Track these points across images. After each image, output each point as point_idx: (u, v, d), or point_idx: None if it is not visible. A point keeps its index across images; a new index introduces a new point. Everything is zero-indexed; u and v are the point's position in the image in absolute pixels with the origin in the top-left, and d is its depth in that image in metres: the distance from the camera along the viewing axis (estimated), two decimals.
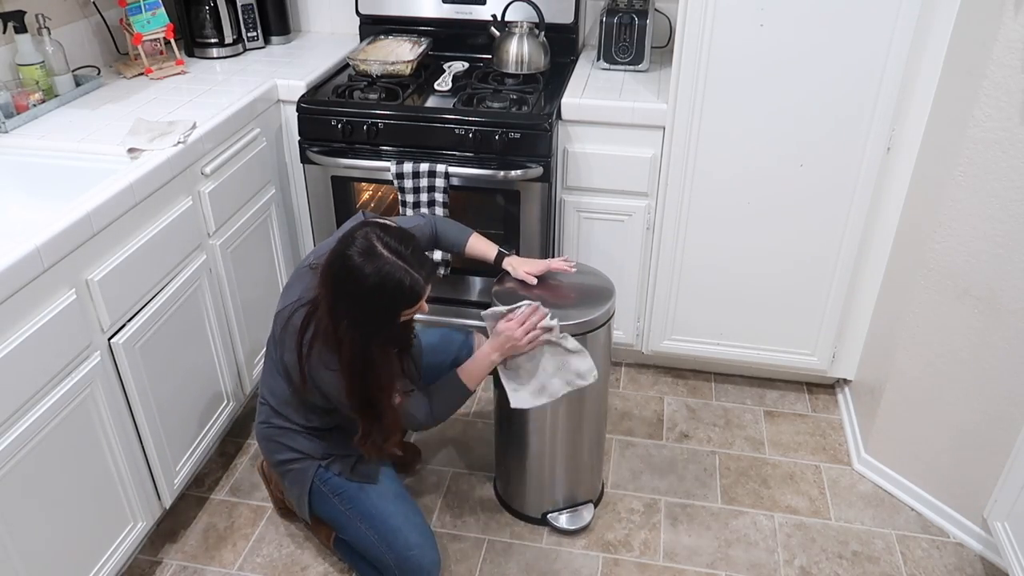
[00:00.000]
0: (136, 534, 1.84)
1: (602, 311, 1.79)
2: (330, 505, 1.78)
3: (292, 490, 1.84)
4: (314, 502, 1.80)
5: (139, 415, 1.79)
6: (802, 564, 1.98)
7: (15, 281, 1.41)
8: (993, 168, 1.74)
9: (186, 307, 1.92)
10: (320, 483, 1.78)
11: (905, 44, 1.90)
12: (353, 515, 1.76)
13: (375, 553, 1.75)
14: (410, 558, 1.72)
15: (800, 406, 2.50)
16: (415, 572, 1.73)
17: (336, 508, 1.78)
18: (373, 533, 1.74)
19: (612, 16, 2.30)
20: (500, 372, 1.77)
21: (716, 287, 2.35)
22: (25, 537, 1.51)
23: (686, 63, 2.04)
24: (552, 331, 1.70)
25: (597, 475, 2.11)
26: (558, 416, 1.92)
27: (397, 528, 1.73)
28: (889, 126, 2.01)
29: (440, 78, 2.39)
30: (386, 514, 1.74)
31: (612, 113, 2.18)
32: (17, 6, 2.01)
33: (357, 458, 1.78)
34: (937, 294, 1.93)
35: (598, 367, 1.78)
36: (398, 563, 1.72)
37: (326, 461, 1.78)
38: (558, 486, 2.04)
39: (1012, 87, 1.66)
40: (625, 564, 1.98)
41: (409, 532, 1.73)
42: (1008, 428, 1.84)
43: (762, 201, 2.18)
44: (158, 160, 1.78)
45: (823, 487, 2.20)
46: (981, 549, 2.00)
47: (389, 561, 1.73)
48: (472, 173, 2.20)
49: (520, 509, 2.09)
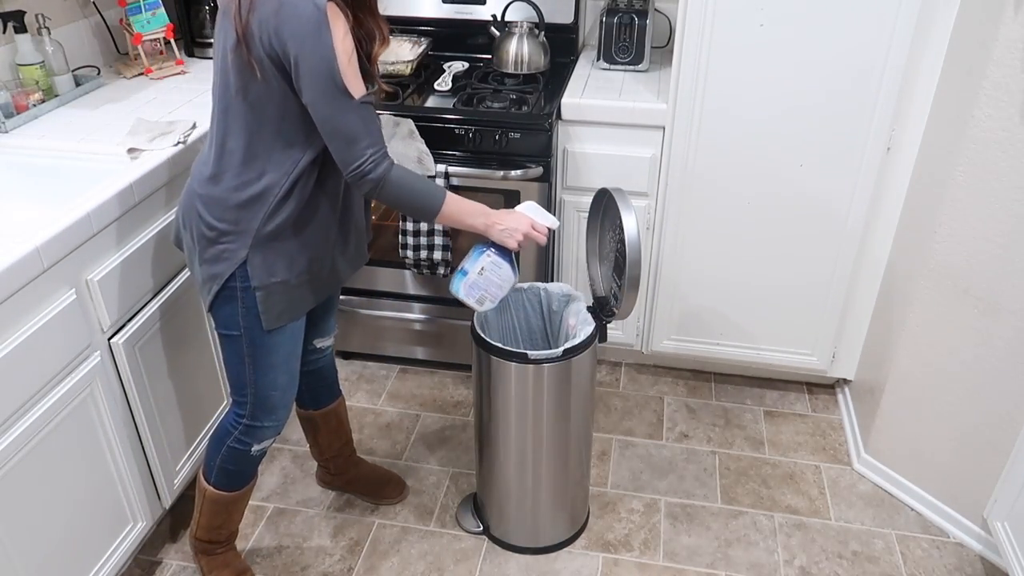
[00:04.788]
0: (136, 534, 1.84)
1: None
2: (232, 308, 1.58)
3: (207, 267, 1.58)
4: (220, 297, 1.58)
5: (139, 415, 1.79)
6: (802, 564, 1.98)
7: (15, 281, 1.41)
8: (993, 168, 1.74)
9: (186, 307, 1.92)
10: (241, 282, 1.55)
11: (905, 44, 1.90)
12: (246, 334, 1.60)
13: (240, 381, 1.66)
14: (270, 397, 1.67)
15: (800, 406, 2.50)
16: (268, 411, 1.69)
17: (235, 316, 1.59)
18: (251, 362, 1.63)
19: (612, 16, 2.30)
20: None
21: (716, 287, 2.35)
22: (25, 537, 1.51)
23: (686, 63, 2.04)
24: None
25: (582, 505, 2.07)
26: (541, 451, 1.88)
27: (274, 366, 1.65)
28: (889, 126, 2.01)
29: (440, 78, 2.40)
30: (273, 347, 1.63)
31: (612, 113, 2.18)
32: (17, 6, 2.01)
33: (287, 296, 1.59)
34: (937, 294, 1.93)
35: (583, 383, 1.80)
36: (255, 398, 1.67)
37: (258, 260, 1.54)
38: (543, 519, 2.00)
39: (1012, 87, 1.66)
40: (625, 564, 1.98)
41: (281, 374, 1.67)
42: (1008, 428, 1.84)
43: (762, 201, 2.18)
44: (158, 160, 1.78)
45: (823, 487, 2.20)
46: (981, 549, 2.00)
47: (248, 394, 1.67)
48: (472, 173, 2.20)
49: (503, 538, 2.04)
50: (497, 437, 1.88)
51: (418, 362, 2.66)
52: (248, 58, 1.37)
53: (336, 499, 2.16)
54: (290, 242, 1.54)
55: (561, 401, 1.81)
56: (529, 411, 1.81)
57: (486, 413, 1.87)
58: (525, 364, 1.74)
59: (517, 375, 1.76)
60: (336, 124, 1.40)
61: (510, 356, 1.74)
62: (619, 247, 1.75)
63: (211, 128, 1.52)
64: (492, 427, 1.87)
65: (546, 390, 1.78)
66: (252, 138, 1.46)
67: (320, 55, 1.34)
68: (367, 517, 2.11)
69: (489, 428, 1.89)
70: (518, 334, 1.97)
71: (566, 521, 2.02)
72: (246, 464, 1.77)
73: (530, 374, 1.75)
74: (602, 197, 1.83)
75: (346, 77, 1.37)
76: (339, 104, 1.38)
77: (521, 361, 1.73)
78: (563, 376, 1.77)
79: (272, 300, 1.56)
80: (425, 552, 2.01)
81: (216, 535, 1.86)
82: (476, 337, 1.79)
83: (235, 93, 1.43)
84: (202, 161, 1.55)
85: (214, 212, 1.50)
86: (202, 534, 1.85)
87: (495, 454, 1.91)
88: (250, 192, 1.48)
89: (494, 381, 1.80)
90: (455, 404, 2.50)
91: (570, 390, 1.81)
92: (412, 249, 2.30)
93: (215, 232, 1.51)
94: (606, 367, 2.66)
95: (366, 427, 2.41)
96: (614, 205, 1.72)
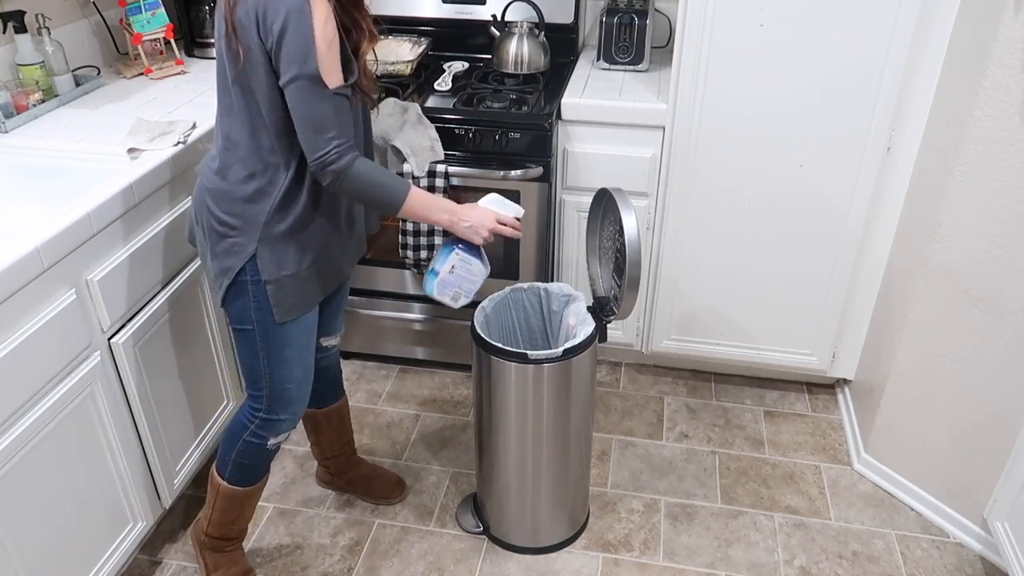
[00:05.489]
0: (136, 534, 1.84)
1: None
2: (244, 302, 1.58)
3: (219, 262, 1.58)
4: (231, 291, 1.58)
5: (139, 415, 1.79)
6: (802, 564, 1.98)
7: (15, 281, 1.41)
8: (993, 168, 1.74)
9: (187, 307, 1.92)
10: (251, 276, 1.55)
11: (905, 44, 1.91)
12: (259, 328, 1.60)
13: (255, 375, 1.67)
14: (287, 391, 1.68)
15: (800, 406, 2.50)
16: (285, 404, 1.69)
17: (248, 310, 1.59)
18: (265, 356, 1.63)
19: (612, 16, 2.30)
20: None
21: (716, 287, 2.35)
22: (25, 537, 1.51)
23: (686, 63, 2.04)
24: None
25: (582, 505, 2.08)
26: (542, 453, 1.88)
27: (289, 360, 1.65)
28: (889, 126, 2.01)
29: (440, 78, 2.40)
30: (287, 340, 1.63)
31: (612, 113, 2.18)
32: (17, 6, 2.01)
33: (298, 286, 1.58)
34: (937, 294, 1.93)
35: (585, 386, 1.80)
36: (271, 392, 1.67)
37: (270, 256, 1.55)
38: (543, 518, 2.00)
39: (1012, 87, 1.66)
40: (625, 564, 1.98)
41: (296, 368, 1.67)
42: (1008, 428, 1.84)
43: (762, 201, 2.18)
44: (158, 160, 1.78)
45: (823, 487, 2.20)
46: (981, 549, 2.00)
47: (264, 387, 1.67)
48: (472, 173, 2.20)
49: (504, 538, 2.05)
50: (497, 437, 1.88)
51: (418, 362, 2.66)
52: (237, 46, 1.37)
53: (336, 499, 2.16)
54: (298, 235, 1.54)
55: (561, 401, 1.81)
56: (529, 411, 1.81)
57: (486, 413, 1.87)
58: (525, 364, 1.74)
59: (517, 375, 1.76)
60: (306, 110, 1.39)
61: (510, 356, 1.74)
62: (619, 247, 1.75)
63: (215, 123, 1.53)
64: (492, 427, 1.87)
65: (546, 390, 1.78)
66: (253, 131, 1.46)
67: (299, 37, 1.33)
68: (367, 517, 2.11)
69: (489, 428, 1.88)
70: (518, 334, 1.97)
71: (566, 521, 2.02)
72: (261, 458, 1.77)
73: (530, 374, 1.75)
74: (602, 197, 1.83)
75: (323, 64, 1.36)
76: (313, 91, 1.37)
77: (521, 361, 1.73)
78: (563, 376, 1.77)
79: (283, 293, 1.57)
80: (425, 552, 2.01)
81: (228, 531, 1.86)
82: (476, 337, 1.79)
83: (232, 84, 1.43)
84: (211, 156, 1.56)
85: (222, 206, 1.51)
86: (213, 530, 1.85)
87: (495, 454, 1.91)
88: (255, 185, 1.49)
89: (494, 381, 1.80)
90: (455, 404, 2.50)
91: (570, 390, 1.81)
92: (412, 249, 2.30)
93: (224, 226, 1.52)
94: (606, 367, 2.66)
95: (366, 427, 2.41)
96: (614, 205, 1.72)
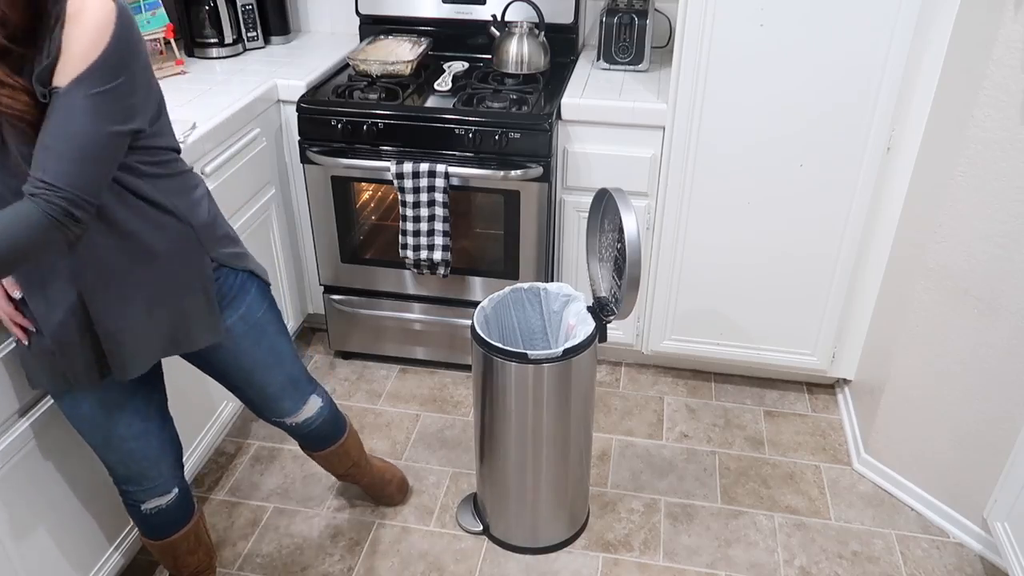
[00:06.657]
0: (136, 534, 1.84)
1: None
2: None
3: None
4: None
5: None
6: (802, 564, 1.98)
7: None
8: (993, 168, 1.74)
9: None
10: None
11: (905, 44, 1.91)
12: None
13: None
14: (113, 472, 1.57)
15: (800, 406, 2.50)
16: (123, 482, 1.57)
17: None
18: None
19: (612, 16, 2.30)
20: None
21: (716, 287, 2.35)
22: (25, 537, 1.51)
23: (686, 63, 2.04)
24: None
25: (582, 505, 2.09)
26: (541, 454, 1.88)
27: (94, 445, 1.52)
28: (889, 126, 2.01)
29: (440, 78, 2.40)
30: (73, 421, 1.48)
31: (612, 113, 2.18)
32: None
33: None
34: (937, 294, 1.93)
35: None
36: (108, 470, 1.58)
37: None
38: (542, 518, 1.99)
39: (1012, 87, 1.66)
40: (625, 564, 1.98)
41: (108, 453, 1.52)
42: (1008, 428, 1.84)
43: (762, 201, 2.18)
44: None
45: (823, 487, 2.20)
46: (981, 549, 2.00)
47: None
48: (472, 173, 2.20)
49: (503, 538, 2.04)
50: (497, 437, 1.88)
51: (418, 362, 2.66)
52: None
53: (336, 499, 2.16)
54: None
55: (561, 401, 1.81)
56: (529, 411, 1.81)
57: (486, 413, 1.87)
58: (525, 364, 1.74)
59: (517, 375, 1.76)
60: None
61: (510, 356, 1.74)
62: (619, 247, 1.75)
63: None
64: (492, 427, 1.87)
65: (546, 390, 1.78)
66: None
67: None
68: (367, 517, 2.11)
69: (489, 428, 1.89)
70: (518, 334, 1.97)
71: (566, 521, 2.02)
72: (154, 520, 1.61)
73: (530, 374, 1.75)
74: (602, 197, 1.83)
75: None
76: None
77: (521, 361, 1.73)
78: (563, 376, 1.77)
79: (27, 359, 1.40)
80: (425, 552, 2.01)
81: (179, 574, 1.78)
82: (476, 337, 1.79)
83: None
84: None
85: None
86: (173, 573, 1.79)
87: (495, 454, 1.91)
88: None
89: (494, 381, 1.80)
90: (455, 404, 2.50)
91: (570, 390, 1.81)
92: (412, 249, 2.30)
93: None
94: (606, 367, 2.66)
95: (366, 427, 2.41)
96: (614, 205, 1.72)
